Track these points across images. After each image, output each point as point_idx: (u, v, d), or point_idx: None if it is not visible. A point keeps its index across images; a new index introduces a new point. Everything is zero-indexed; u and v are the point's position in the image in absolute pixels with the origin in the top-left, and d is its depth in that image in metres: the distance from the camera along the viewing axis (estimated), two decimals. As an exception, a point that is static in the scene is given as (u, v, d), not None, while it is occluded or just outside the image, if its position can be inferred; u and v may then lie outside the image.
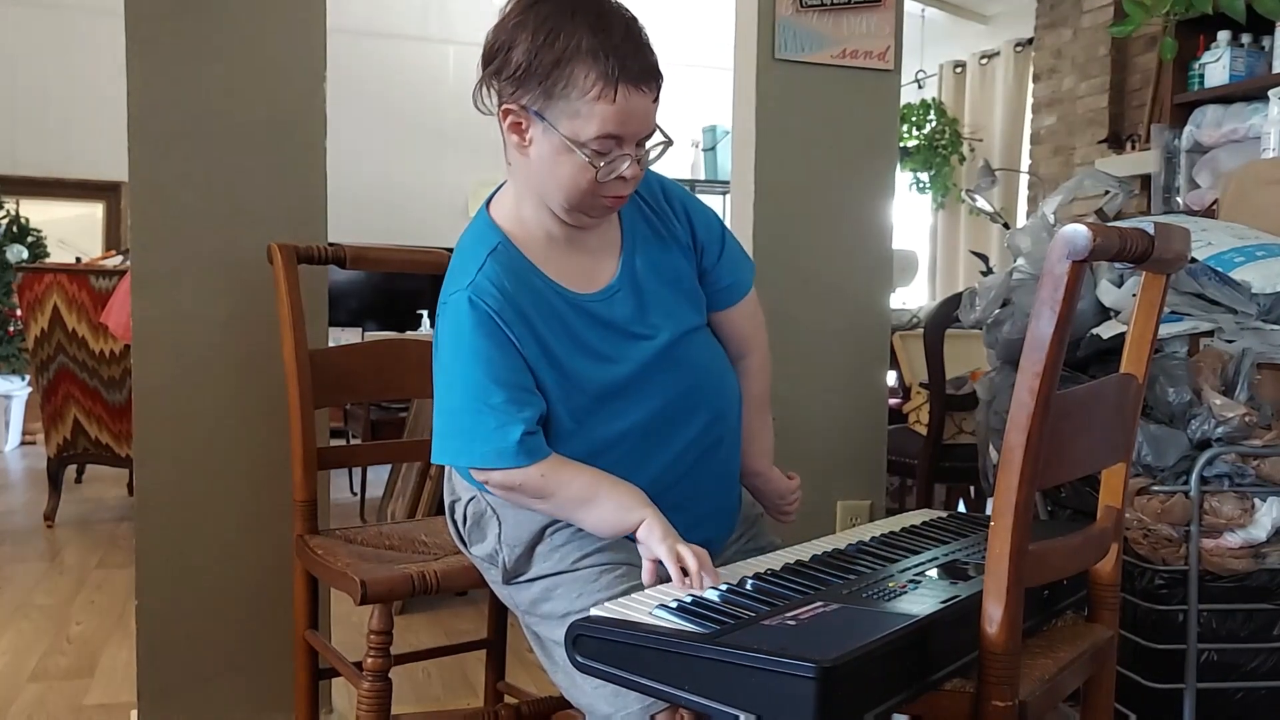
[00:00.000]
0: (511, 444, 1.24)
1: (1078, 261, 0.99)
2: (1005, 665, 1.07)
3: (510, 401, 1.24)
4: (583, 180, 1.25)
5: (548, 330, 1.30)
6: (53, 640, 2.67)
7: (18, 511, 4.21)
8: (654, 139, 1.28)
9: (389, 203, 6.66)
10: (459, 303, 1.27)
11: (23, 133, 6.12)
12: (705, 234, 1.45)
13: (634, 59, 1.22)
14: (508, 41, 1.24)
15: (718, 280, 1.45)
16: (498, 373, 1.25)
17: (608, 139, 1.23)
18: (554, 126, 1.23)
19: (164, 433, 1.96)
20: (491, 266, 1.29)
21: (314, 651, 1.80)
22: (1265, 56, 3.86)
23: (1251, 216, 2.28)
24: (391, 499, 3.44)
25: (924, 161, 6.19)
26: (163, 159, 1.94)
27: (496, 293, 1.27)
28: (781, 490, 1.51)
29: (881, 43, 2.45)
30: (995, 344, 2.18)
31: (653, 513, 1.24)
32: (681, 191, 1.47)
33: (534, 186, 1.31)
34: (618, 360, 1.33)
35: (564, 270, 1.34)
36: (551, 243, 1.34)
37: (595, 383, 1.31)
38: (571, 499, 1.27)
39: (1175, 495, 1.78)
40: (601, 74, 1.20)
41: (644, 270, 1.38)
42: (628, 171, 1.26)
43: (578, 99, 1.21)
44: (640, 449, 1.33)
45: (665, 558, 1.19)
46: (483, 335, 1.26)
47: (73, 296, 3.77)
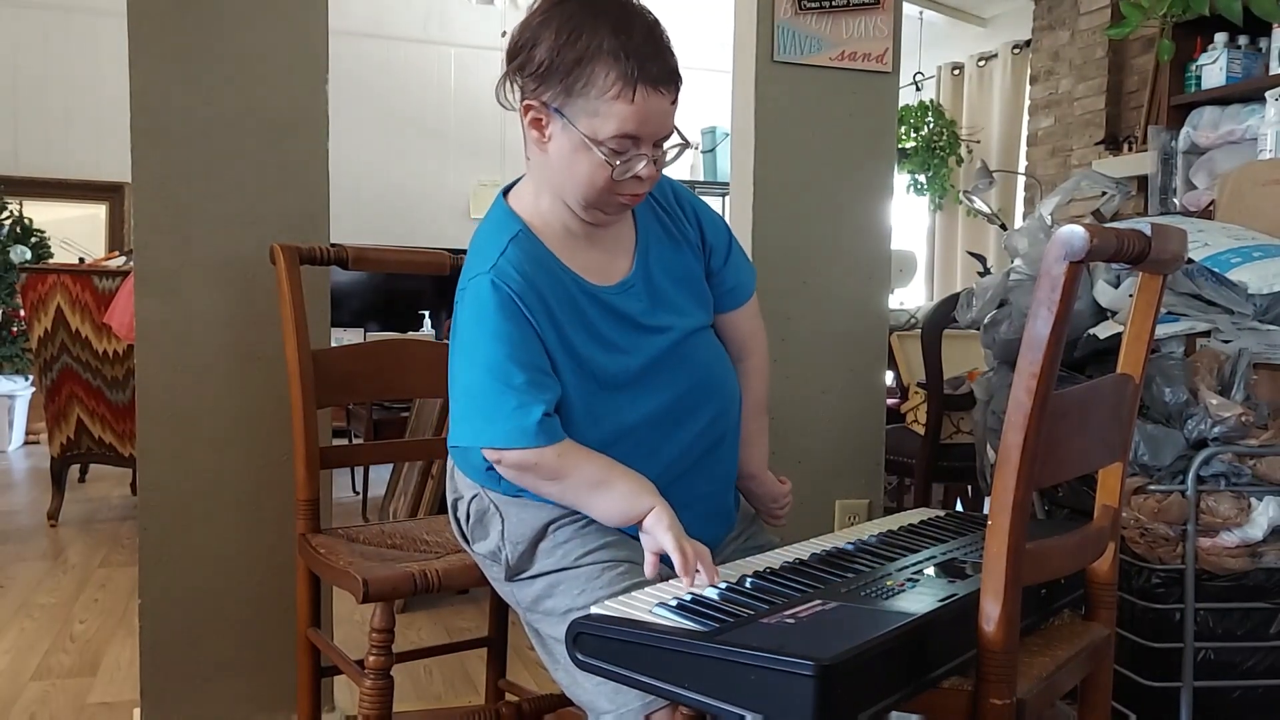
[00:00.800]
0: (532, 424, 1.25)
1: (1074, 262, 1.00)
2: (1003, 663, 1.07)
3: (531, 383, 1.26)
4: (599, 178, 1.26)
5: (565, 317, 1.31)
6: (56, 639, 2.68)
7: (21, 511, 4.22)
8: (671, 140, 1.30)
9: (391, 204, 6.67)
10: (481, 285, 1.28)
11: (26, 134, 6.12)
12: (714, 237, 1.47)
13: (654, 61, 1.23)
14: (531, 39, 1.25)
15: (724, 282, 1.48)
16: (519, 354, 1.26)
17: (625, 138, 1.24)
18: (573, 124, 1.25)
19: (167, 432, 1.97)
20: (514, 251, 1.30)
21: (316, 649, 1.81)
22: (1262, 58, 3.87)
23: (1248, 217, 2.29)
24: (393, 498, 3.45)
25: (922, 163, 6.19)
26: (166, 160, 1.95)
27: (518, 276, 1.28)
28: (774, 494, 1.53)
29: (880, 45, 2.46)
30: (992, 344, 2.19)
31: (661, 504, 1.25)
32: (691, 195, 1.49)
33: (552, 182, 1.32)
34: (630, 351, 1.35)
35: (581, 262, 1.36)
36: (569, 235, 1.36)
37: (608, 372, 1.33)
38: (584, 483, 1.28)
39: (1172, 494, 1.79)
40: (621, 74, 1.21)
41: (657, 268, 1.40)
42: (644, 171, 1.27)
43: (597, 98, 1.22)
44: (649, 441, 1.35)
45: (670, 547, 1.20)
46: (505, 317, 1.27)
47: (76, 297, 3.78)
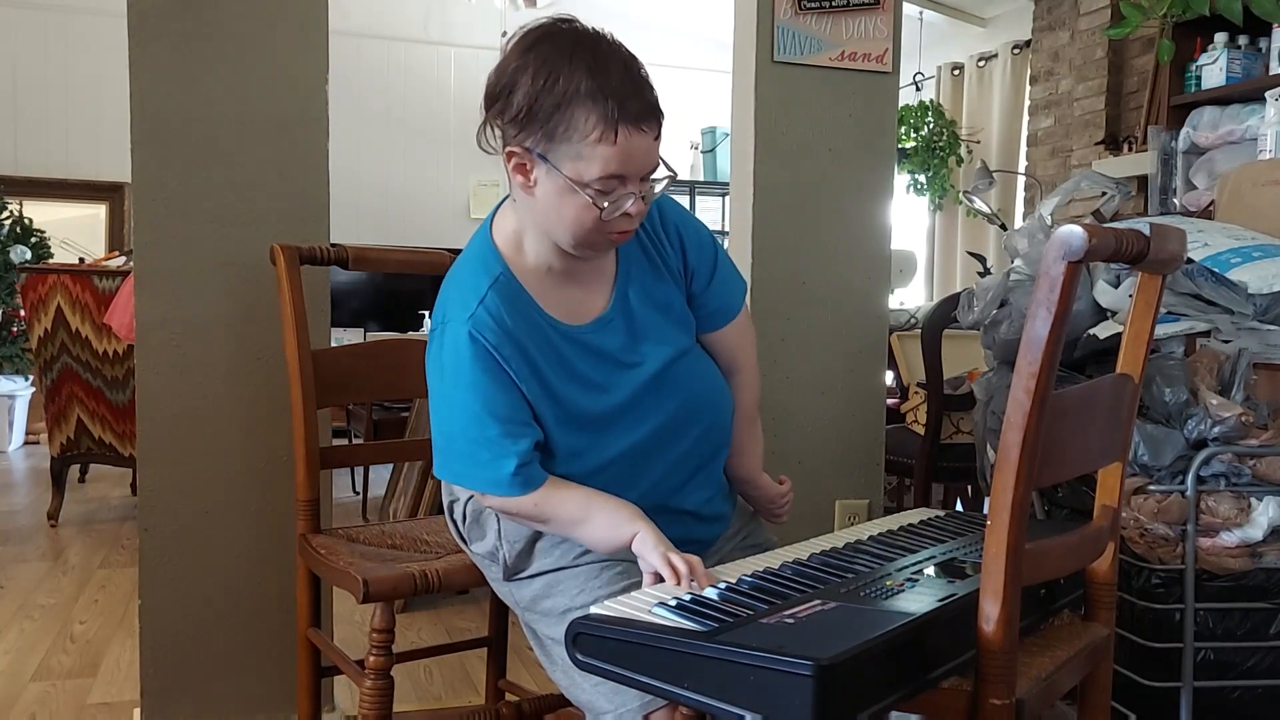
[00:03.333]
0: (505, 475, 1.27)
1: (1074, 262, 1.00)
2: (1002, 663, 1.07)
3: (504, 435, 1.27)
4: (587, 220, 1.25)
5: (543, 361, 1.31)
6: (56, 639, 2.68)
7: (21, 511, 4.22)
8: (658, 173, 1.29)
9: (390, 204, 6.68)
10: (459, 335, 1.29)
11: (26, 134, 6.12)
12: (697, 259, 1.45)
13: (633, 100, 1.21)
14: (509, 84, 1.24)
15: (706, 304, 1.46)
16: (494, 407, 1.27)
17: (611, 179, 1.23)
18: (557, 168, 1.23)
19: (167, 432, 1.97)
20: (493, 299, 1.30)
21: (316, 650, 1.81)
22: (1262, 58, 3.87)
23: (1248, 218, 2.29)
24: (393, 498, 3.45)
25: (922, 163, 6.19)
26: (165, 160, 1.95)
27: (495, 327, 1.28)
28: (773, 496, 1.55)
29: (879, 45, 2.46)
30: (992, 344, 2.19)
31: (645, 525, 1.26)
32: (678, 214, 1.46)
33: (540, 225, 1.31)
34: (610, 389, 1.35)
35: (557, 303, 1.35)
36: (549, 275, 1.36)
37: (589, 412, 1.33)
38: (566, 520, 1.30)
39: (1172, 495, 1.79)
40: (602, 116, 1.20)
41: (636, 299, 1.39)
42: (632, 209, 1.26)
43: (579, 141, 1.21)
44: (636, 466, 1.36)
45: (659, 566, 1.21)
46: (481, 369, 1.27)
47: (76, 297, 3.78)
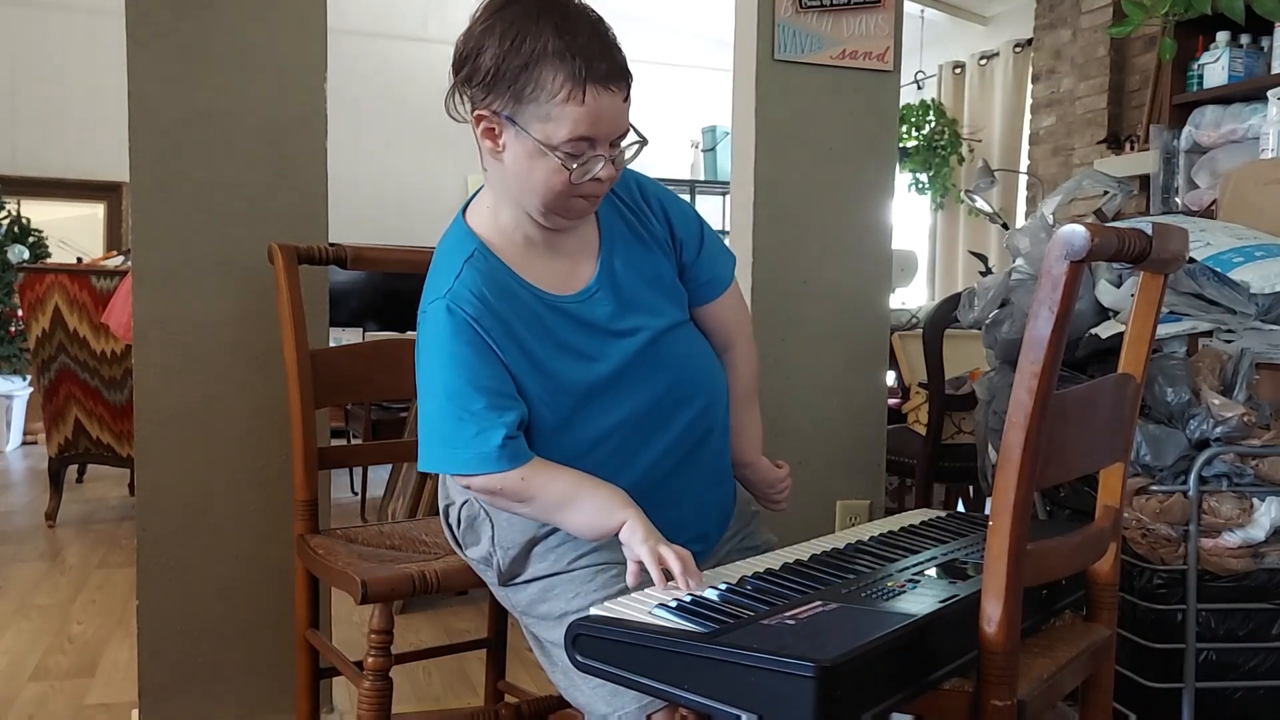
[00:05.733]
0: (492, 449, 1.24)
1: (1076, 261, 1.00)
2: (1004, 664, 1.07)
3: (490, 407, 1.25)
4: (557, 183, 1.25)
5: (528, 333, 1.30)
6: (54, 640, 2.68)
7: (19, 511, 4.21)
8: (628, 139, 1.28)
9: (389, 203, 6.67)
10: (437, 311, 1.27)
11: (24, 133, 6.12)
12: (683, 230, 1.44)
13: (601, 59, 1.21)
14: (476, 48, 1.24)
15: (698, 276, 1.45)
16: (477, 379, 1.25)
17: (580, 141, 1.22)
18: (526, 130, 1.23)
19: (165, 433, 1.97)
20: (469, 274, 1.29)
21: (315, 651, 1.81)
22: (1264, 57, 3.86)
23: (1250, 217, 2.29)
24: (392, 499, 3.45)
25: (923, 162, 6.19)
26: (164, 159, 1.94)
27: (474, 299, 1.27)
28: (771, 479, 1.52)
29: (881, 43, 2.45)
30: (994, 344, 2.18)
31: (634, 513, 1.23)
32: (658, 189, 1.46)
33: (510, 191, 1.31)
34: (600, 359, 1.33)
35: (542, 274, 1.34)
36: (529, 247, 1.34)
37: (578, 382, 1.31)
38: (552, 502, 1.27)
39: (1174, 495, 1.78)
40: (569, 75, 1.19)
41: (623, 270, 1.38)
42: (602, 173, 1.25)
43: (547, 102, 1.20)
44: (628, 445, 1.33)
45: (646, 559, 1.19)
46: (462, 342, 1.26)
47: (74, 297, 3.78)
